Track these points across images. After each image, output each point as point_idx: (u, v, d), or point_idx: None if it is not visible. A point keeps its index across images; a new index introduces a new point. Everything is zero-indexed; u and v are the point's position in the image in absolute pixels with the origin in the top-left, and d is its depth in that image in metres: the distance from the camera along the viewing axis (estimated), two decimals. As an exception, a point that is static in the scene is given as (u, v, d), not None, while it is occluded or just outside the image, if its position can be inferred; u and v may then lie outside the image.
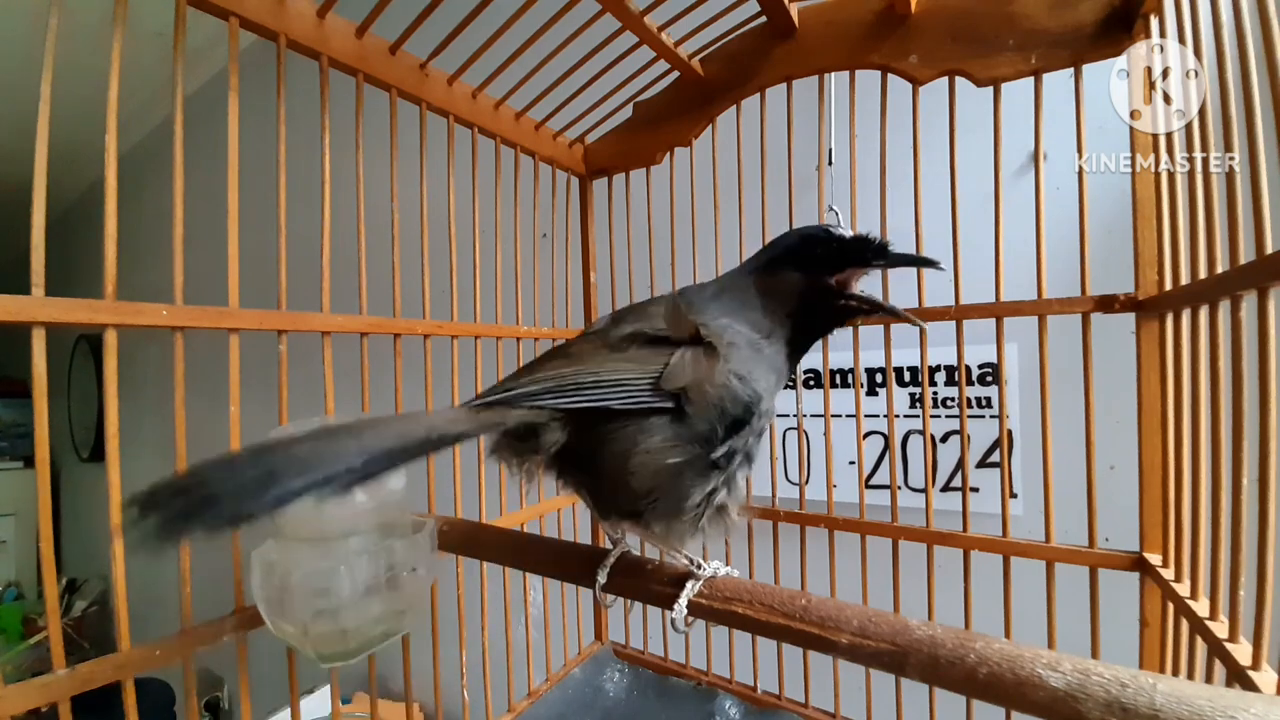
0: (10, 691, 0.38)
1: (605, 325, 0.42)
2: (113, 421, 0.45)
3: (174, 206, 0.47)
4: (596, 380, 0.35)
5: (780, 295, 0.41)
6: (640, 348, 0.38)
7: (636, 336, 0.39)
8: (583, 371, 0.36)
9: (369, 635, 0.45)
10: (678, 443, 0.35)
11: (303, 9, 0.54)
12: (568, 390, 0.35)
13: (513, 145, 0.78)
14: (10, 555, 3.21)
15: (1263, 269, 0.33)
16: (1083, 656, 0.26)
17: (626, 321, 0.41)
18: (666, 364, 0.36)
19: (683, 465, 0.35)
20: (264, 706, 1.16)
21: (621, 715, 0.79)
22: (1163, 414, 0.49)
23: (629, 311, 0.43)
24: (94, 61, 0.49)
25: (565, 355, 0.39)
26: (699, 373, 0.36)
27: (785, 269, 0.42)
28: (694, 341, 0.38)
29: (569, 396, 0.35)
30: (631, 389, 0.35)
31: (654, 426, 0.36)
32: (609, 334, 0.40)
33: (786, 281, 0.41)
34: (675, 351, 0.37)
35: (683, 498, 0.36)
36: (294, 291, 0.55)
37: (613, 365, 0.37)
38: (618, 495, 0.37)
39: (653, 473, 0.35)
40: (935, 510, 0.63)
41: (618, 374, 0.36)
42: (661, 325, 0.39)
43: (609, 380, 0.35)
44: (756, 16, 0.68)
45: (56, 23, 0.40)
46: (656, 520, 0.37)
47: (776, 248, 0.43)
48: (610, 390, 0.35)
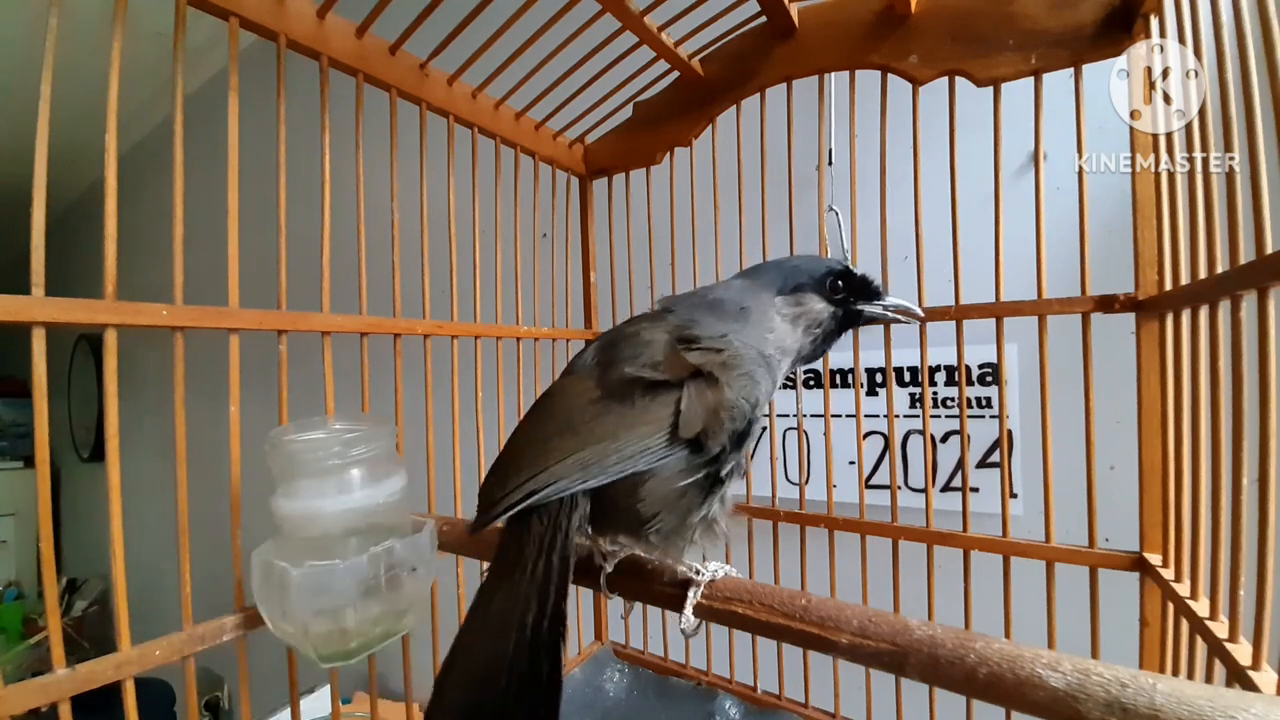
0: (10, 691, 0.38)
1: (594, 361, 0.41)
2: (113, 421, 0.45)
3: (174, 206, 0.47)
4: (620, 455, 0.35)
5: (806, 320, 0.45)
6: (643, 397, 0.37)
7: (636, 383, 0.38)
8: (603, 451, 0.36)
9: (369, 635, 0.45)
10: (688, 468, 0.36)
11: (303, 9, 0.54)
12: (594, 475, 0.35)
13: (513, 145, 0.78)
14: (10, 555, 3.21)
15: (1263, 269, 0.33)
16: (1083, 656, 0.26)
17: (620, 356, 0.39)
18: (678, 411, 0.36)
19: (688, 487, 0.36)
20: (264, 706, 1.17)
21: (621, 715, 0.79)
22: (1163, 414, 0.49)
23: (620, 342, 0.41)
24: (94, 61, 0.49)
25: (570, 428, 0.37)
26: (707, 407, 0.36)
27: (812, 296, 0.45)
28: (694, 376, 0.38)
29: (597, 478, 0.35)
30: (655, 450, 0.36)
31: (670, 460, 0.36)
32: (606, 375, 0.39)
33: (814, 309, 0.45)
34: (680, 394, 0.37)
35: (686, 515, 0.37)
36: (294, 291, 0.55)
37: (627, 434, 0.36)
38: (625, 519, 0.37)
39: (660, 498, 0.36)
40: (935, 510, 0.63)
41: (639, 440, 0.36)
42: (659, 362, 0.38)
43: (631, 452, 0.35)
44: (756, 16, 0.68)
45: (56, 23, 0.40)
46: (657, 537, 0.37)
47: (801, 273, 0.45)
48: (634, 459, 0.35)
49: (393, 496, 0.46)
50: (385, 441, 0.47)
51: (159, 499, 1.76)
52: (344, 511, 0.44)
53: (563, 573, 0.33)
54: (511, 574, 0.33)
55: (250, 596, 0.46)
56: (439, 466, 0.66)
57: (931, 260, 0.62)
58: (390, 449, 0.47)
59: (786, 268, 0.46)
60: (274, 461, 0.44)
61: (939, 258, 0.62)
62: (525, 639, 0.30)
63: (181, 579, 0.47)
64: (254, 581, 0.44)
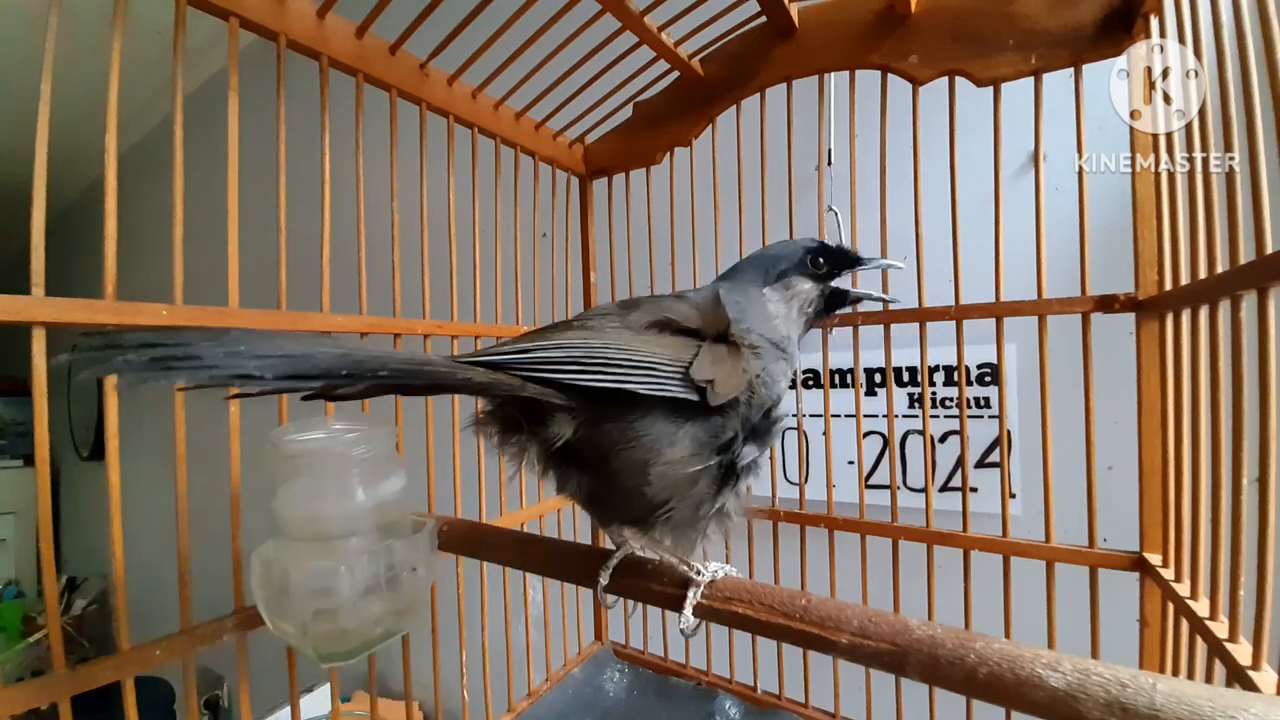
0: (10, 691, 0.38)
1: (615, 311, 0.40)
2: (113, 421, 0.45)
3: (174, 206, 0.47)
4: (626, 358, 0.32)
5: (798, 302, 0.45)
6: (669, 336, 0.36)
7: (664, 325, 0.37)
8: (611, 346, 0.33)
9: (369, 635, 0.45)
10: (700, 451, 0.35)
11: (303, 9, 0.54)
12: (593, 365, 0.32)
13: (513, 145, 0.78)
14: (10, 554, 3.21)
15: (1263, 269, 0.33)
16: (1083, 656, 0.26)
17: (643, 310, 0.39)
18: (696, 354, 0.35)
19: (700, 474, 0.35)
20: (264, 706, 1.17)
21: (621, 715, 0.79)
22: (1163, 414, 0.49)
23: (643, 301, 0.41)
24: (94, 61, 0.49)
25: (584, 327, 0.36)
26: (725, 369, 0.35)
27: (798, 278, 0.45)
28: (720, 339, 0.37)
29: (593, 372, 0.32)
30: (662, 374, 0.33)
31: (679, 435, 0.34)
32: (627, 318, 0.38)
33: (803, 290, 0.45)
34: (703, 345, 0.36)
35: (697, 506, 0.36)
36: (294, 291, 0.55)
37: (643, 345, 0.34)
38: (630, 504, 0.36)
39: (671, 483, 0.34)
40: (935, 510, 0.63)
41: (651, 356, 0.33)
42: (693, 315, 0.38)
43: (640, 361, 0.33)
44: (756, 16, 0.68)
45: (56, 23, 0.40)
46: (665, 528, 0.36)
47: (781, 260, 0.46)
48: (640, 371, 0.32)
49: (393, 496, 0.46)
50: (385, 441, 0.47)
51: (159, 499, 1.76)
52: (344, 511, 0.44)
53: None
54: None
55: (250, 596, 0.46)
56: (439, 466, 0.66)
57: (931, 260, 0.62)
58: (390, 449, 0.47)
59: (765, 259, 0.46)
60: (274, 462, 0.44)
61: (939, 258, 0.61)
62: None
63: (181, 579, 0.47)
64: (254, 581, 0.44)
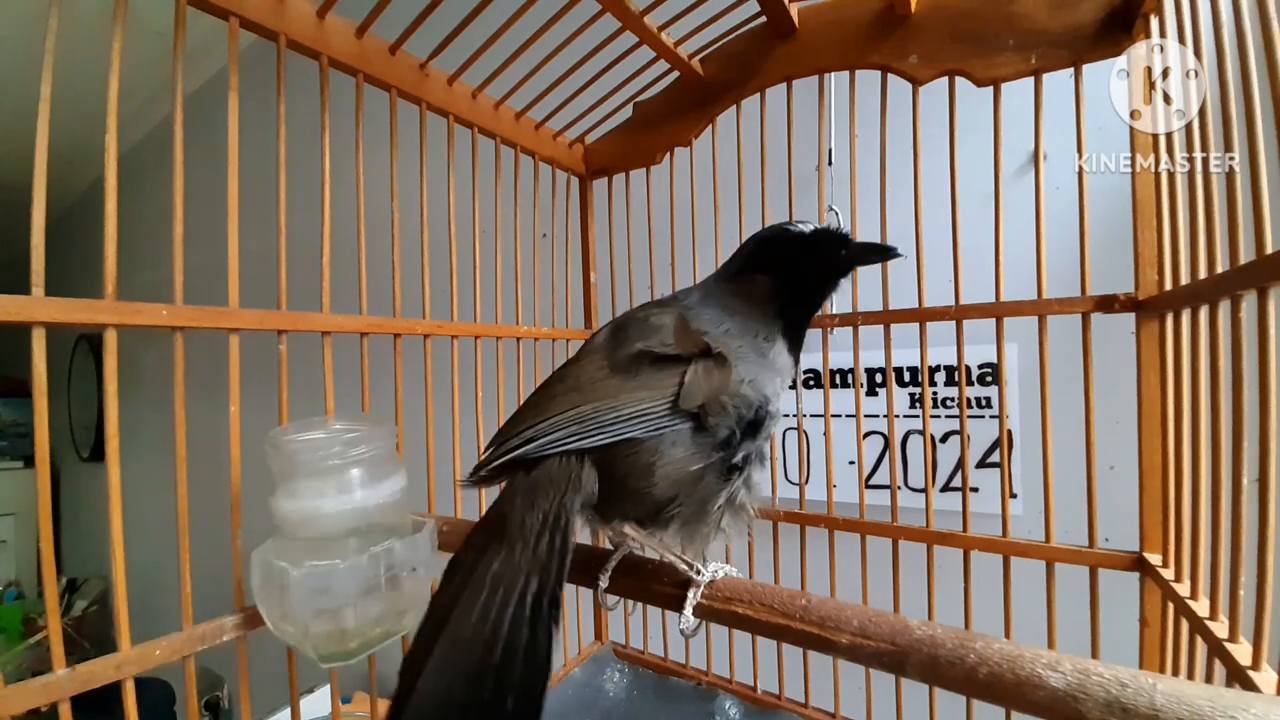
0: (10, 691, 0.38)
1: (605, 342, 0.42)
2: (113, 421, 0.45)
3: (174, 206, 0.47)
4: (617, 416, 0.36)
5: (758, 298, 0.44)
6: (649, 368, 0.38)
7: (643, 356, 0.39)
8: (601, 408, 0.36)
9: (369, 635, 0.45)
10: (698, 450, 0.37)
11: (303, 9, 0.54)
12: (590, 431, 0.36)
13: (513, 145, 0.78)
14: (10, 555, 3.21)
15: (1263, 269, 0.33)
16: (1083, 656, 0.26)
17: (629, 337, 0.41)
18: (680, 383, 0.37)
19: (703, 470, 0.37)
20: (264, 706, 1.17)
21: (621, 715, 0.79)
22: (1163, 414, 0.49)
23: (629, 324, 0.43)
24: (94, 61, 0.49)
25: (575, 388, 0.39)
26: (713, 386, 0.37)
27: (754, 274, 0.45)
28: (703, 354, 0.38)
29: (593, 436, 0.36)
30: (653, 417, 0.36)
31: (676, 440, 0.36)
32: (615, 354, 0.40)
33: (759, 286, 0.44)
34: (687, 369, 0.38)
35: (706, 500, 0.37)
36: (294, 291, 0.55)
37: (628, 396, 0.37)
38: (637, 503, 0.37)
39: (674, 481, 0.36)
40: (935, 510, 0.63)
41: (638, 404, 0.36)
42: (669, 341, 0.39)
43: (629, 414, 0.36)
44: (756, 16, 0.68)
45: (56, 23, 0.40)
46: (679, 525, 0.38)
47: (737, 260, 0.46)
48: (632, 423, 0.36)
49: (393, 496, 0.46)
50: (385, 441, 0.47)
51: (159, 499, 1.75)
52: (344, 511, 0.44)
53: (563, 554, 0.32)
54: (512, 543, 0.32)
55: (250, 596, 0.46)
56: (439, 466, 0.66)
57: (931, 260, 0.62)
58: (390, 449, 0.47)
59: (730, 263, 0.47)
60: (274, 461, 0.44)
61: (939, 258, 0.62)
62: (524, 615, 0.30)
63: (181, 579, 0.47)
64: (254, 581, 0.44)
